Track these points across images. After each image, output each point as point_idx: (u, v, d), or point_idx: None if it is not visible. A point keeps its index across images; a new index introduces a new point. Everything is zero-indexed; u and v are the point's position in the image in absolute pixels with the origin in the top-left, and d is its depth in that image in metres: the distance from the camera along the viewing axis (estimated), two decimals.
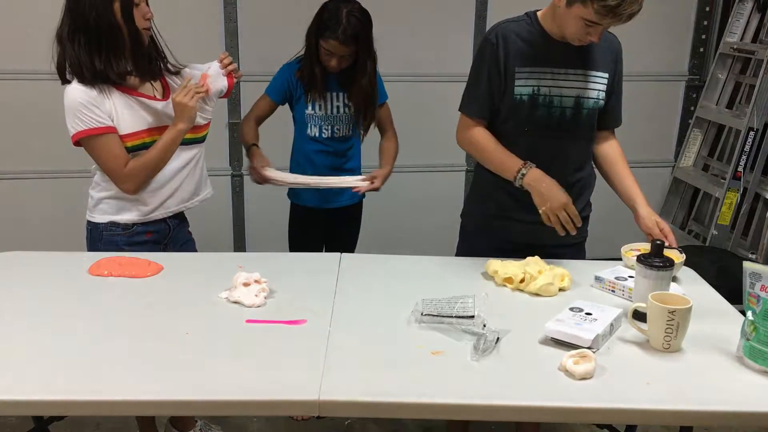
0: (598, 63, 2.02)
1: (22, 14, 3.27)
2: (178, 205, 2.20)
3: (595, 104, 2.03)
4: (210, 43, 3.44)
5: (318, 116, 2.58)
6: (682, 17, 3.83)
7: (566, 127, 2.02)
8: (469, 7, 3.60)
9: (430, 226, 3.69)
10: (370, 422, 2.71)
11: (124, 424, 2.63)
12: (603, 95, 2.03)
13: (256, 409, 1.46)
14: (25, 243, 2.34)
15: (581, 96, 2.00)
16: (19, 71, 3.34)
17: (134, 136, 2.06)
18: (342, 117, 2.59)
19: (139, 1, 1.99)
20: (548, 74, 1.98)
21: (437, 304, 1.67)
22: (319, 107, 2.56)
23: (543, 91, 1.98)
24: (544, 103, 1.99)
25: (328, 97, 2.57)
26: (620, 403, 1.37)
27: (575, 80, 2.00)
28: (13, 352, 1.51)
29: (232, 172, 3.64)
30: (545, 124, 2.01)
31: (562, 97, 1.99)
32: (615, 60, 2.05)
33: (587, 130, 2.07)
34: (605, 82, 2.03)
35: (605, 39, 2.00)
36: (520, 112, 2.00)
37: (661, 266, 1.65)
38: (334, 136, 2.60)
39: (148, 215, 2.14)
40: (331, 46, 2.42)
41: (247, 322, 1.66)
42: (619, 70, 2.08)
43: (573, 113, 2.01)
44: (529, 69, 1.98)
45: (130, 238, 2.14)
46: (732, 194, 3.50)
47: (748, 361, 1.47)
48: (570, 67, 1.99)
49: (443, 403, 1.37)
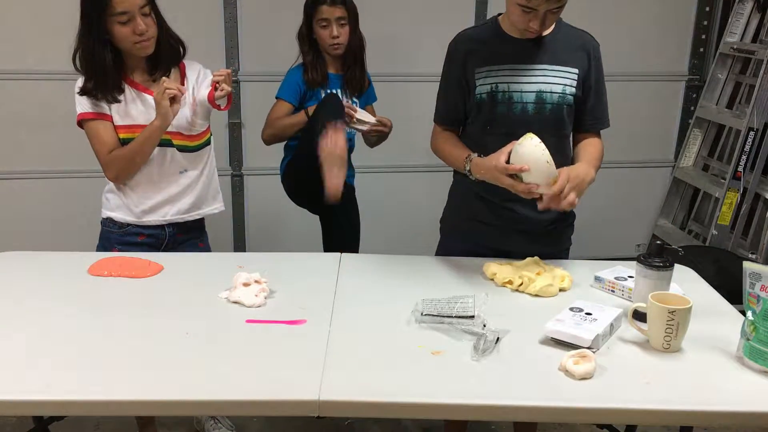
0: (563, 58, 1.98)
1: (22, 14, 3.28)
2: (176, 215, 2.20)
3: (561, 99, 1.98)
4: (210, 43, 3.44)
5: None
6: (682, 17, 3.83)
7: (531, 123, 1.94)
8: (469, 7, 3.60)
9: (430, 226, 3.69)
10: (370, 422, 2.71)
11: (124, 424, 2.63)
12: (572, 90, 1.98)
13: (256, 409, 1.46)
14: (25, 243, 2.34)
15: (543, 90, 1.96)
16: (19, 71, 3.34)
17: (126, 129, 2.09)
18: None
19: (128, 19, 1.97)
20: (506, 71, 1.97)
21: (437, 304, 1.67)
22: None
23: (501, 88, 1.97)
24: (503, 100, 1.97)
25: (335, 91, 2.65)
26: (620, 403, 1.37)
27: (536, 75, 1.97)
28: (13, 352, 1.51)
29: (232, 172, 3.65)
30: (507, 121, 1.97)
31: (522, 92, 1.97)
32: (587, 57, 2.01)
33: (556, 127, 2.01)
34: (574, 77, 1.98)
35: (574, 36, 2.01)
36: (482, 111, 2.00)
37: (661, 266, 1.65)
38: None
39: (141, 218, 2.16)
40: (324, 12, 2.56)
41: (248, 322, 1.66)
42: (595, 68, 2.02)
43: (535, 108, 1.97)
44: (487, 68, 1.98)
45: (122, 237, 2.16)
46: (732, 194, 3.50)
47: (748, 361, 1.47)
48: (530, 63, 1.97)
49: (443, 403, 1.37)
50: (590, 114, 2.05)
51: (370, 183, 3.45)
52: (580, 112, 2.04)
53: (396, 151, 3.66)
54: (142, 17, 1.99)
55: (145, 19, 2.00)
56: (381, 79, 3.53)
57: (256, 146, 3.48)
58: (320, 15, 2.58)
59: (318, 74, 2.65)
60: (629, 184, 4.02)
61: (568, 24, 2.04)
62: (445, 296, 1.70)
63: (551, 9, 1.83)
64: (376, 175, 3.65)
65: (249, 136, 3.58)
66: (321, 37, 2.62)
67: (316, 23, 2.60)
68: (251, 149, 3.60)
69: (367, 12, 2.75)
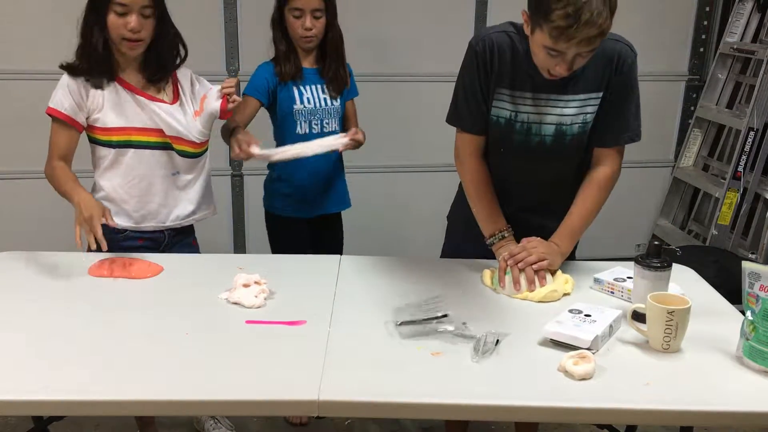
0: (589, 84, 1.85)
1: (22, 14, 3.28)
2: (176, 221, 2.19)
3: (581, 128, 1.89)
4: (210, 43, 3.44)
5: (307, 110, 2.48)
6: (682, 17, 3.83)
7: (547, 152, 1.90)
8: (469, 7, 3.60)
9: (429, 227, 3.69)
10: (370, 422, 2.71)
11: (124, 424, 2.63)
12: (593, 115, 1.88)
13: (256, 409, 1.46)
14: (25, 243, 2.34)
15: (563, 123, 1.87)
16: (19, 71, 3.34)
17: (120, 131, 2.07)
18: (329, 110, 2.51)
19: (125, 12, 1.96)
20: (528, 99, 1.86)
21: (409, 309, 1.67)
22: (307, 100, 2.47)
23: (521, 118, 1.87)
24: (521, 130, 1.89)
25: (313, 90, 2.49)
26: (620, 403, 1.37)
27: (558, 106, 1.86)
28: (13, 352, 1.51)
29: (232, 172, 3.65)
30: (523, 148, 1.91)
31: (542, 124, 1.87)
32: (614, 72, 1.85)
33: (574, 153, 1.93)
34: (597, 102, 1.87)
35: (606, 50, 1.81)
36: (496, 132, 1.92)
37: (659, 267, 1.65)
38: (323, 131, 2.51)
39: (140, 224, 2.15)
40: (298, 1, 2.36)
41: (247, 322, 1.66)
42: (618, 80, 1.86)
43: (554, 140, 1.89)
44: (509, 92, 1.87)
45: (123, 242, 2.14)
46: (732, 194, 3.50)
47: (748, 361, 1.47)
48: (554, 92, 1.85)
49: (443, 404, 1.37)
50: (608, 129, 1.91)
51: (369, 183, 3.45)
52: (599, 126, 1.91)
53: (395, 151, 3.68)
54: (140, 17, 1.97)
55: (143, 20, 1.98)
56: (380, 79, 3.55)
57: None
58: (294, 3, 2.37)
59: (291, 66, 2.45)
60: (629, 184, 3.99)
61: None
62: (416, 300, 1.71)
63: (581, 53, 1.68)
64: (375, 175, 3.66)
65: None
66: (292, 27, 2.41)
67: (288, 11, 2.39)
68: None
69: (366, 11, 2.75)
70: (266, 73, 2.46)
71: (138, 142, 2.09)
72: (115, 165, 2.11)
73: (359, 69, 2.67)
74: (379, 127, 3.37)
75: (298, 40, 2.44)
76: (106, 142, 2.09)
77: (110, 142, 2.08)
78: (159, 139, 2.10)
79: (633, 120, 1.92)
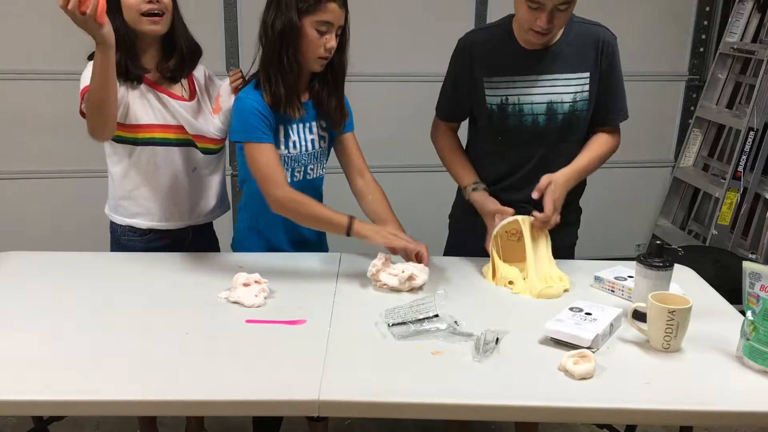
0: (574, 64, 1.95)
1: (22, 14, 3.27)
2: (198, 218, 2.18)
3: (572, 107, 1.96)
4: (210, 43, 3.42)
5: (291, 156, 2.02)
6: (682, 17, 3.83)
7: (542, 134, 1.98)
8: (469, 7, 3.60)
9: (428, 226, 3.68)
10: (369, 422, 2.71)
11: (125, 424, 2.63)
12: (584, 96, 1.96)
13: (256, 409, 1.46)
14: (26, 243, 2.34)
15: (554, 101, 1.95)
16: (19, 71, 3.34)
17: (146, 128, 2.02)
18: (316, 153, 2.07)
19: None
20: (517, 82, 1.95)
21: (400, 311, 1.67)
22: (293, 145, 2.01)
23: (512, 100, 1.96)
24: (513, 112, 1.97)
25: (300, 131, 2.03)
26: (620, 403, 1.37)
27: (546, 85, 1.95)
28: (13, 352, 1.51)
29: (233, 172, 3.64)
30: (518, 132, 1.98)
31: (533, 104, 1.96)
32: (598, 54, 1.94)
33: (568, 134, 2.00)
34: (585, 82, 1.96)
35: (586, 34, 1.95)
36: (493, 121, 2.00)
37: (660, 266, 1.65)
38: (306, 178, 2.08)
39: (162, 222, 2.12)
40: (331, 13, 1.86)
41: (247, 322, 1.66)
42: (607, 62, 1.96)
43: (546, 119, 1.96)
44: (497, 79, 1.96)
45: (148, 243, 2.13)
46: (732, 194, 3.50)
47: (748, 361, 1.47)
48: (540, 73, 1.94)
49: (444, 403, 1.37)
50: (602, 107, 2.01)
51: None
52: (596, 108, 2.01)
53: (394, 151, 3.68)
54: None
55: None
56: (380, 79, 3.55)
57: None
58: (322, 15, 1.85)
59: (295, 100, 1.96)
60: (629, 184, 4.02)
61: (581, 20, 1.97)
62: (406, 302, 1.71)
63: (558, 4, 1.77)
64: (375, 175, 3.65)
65: None
66: (311, 45, 1.89)
67: (310, 24, 1.86)
68: None
69: (366, 11, 2.74)
70: (258, 107, 1.92)
71: (161, 139, 2.05)
72: (138, 163, 2.06)
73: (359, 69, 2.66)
74: (379, 127, 3.38)
75: (310, 62, 1.93)
76: (130, 139, 2.02)
77: (135, 139, 2.02)
78: (180, 136, 2.06)
79: (623, 100, 2.05)
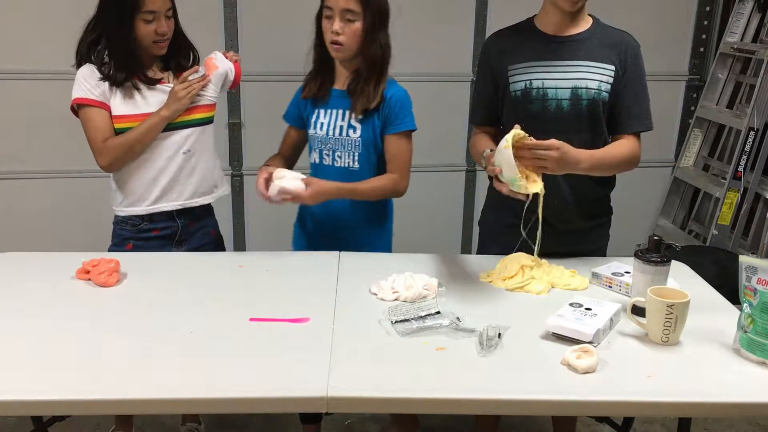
0: (599, 55, 1.96)
1: (22, 14, 3.28)
2: (183, 200, 2.20)
3: (597, 94, 1.95)
4: (210, 43, 3.43)
5: (318, 137, 2.12)
6: (682, 17, 3.83)
7: (566, 120, 1.96)
8: (469, 7, 3.61)
9: (430, 226, 3.69)
10: (369, 422, 2.71)
11: None
12: (608, 87, 1.96)
13: (264, 406, 1.45)
14: (25, 243, 2.35)
15: (578, 87, 1.95)
16: (19, 71, 3.34)
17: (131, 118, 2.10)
18: (344, 141, 2.09)
19: (154, 18, 2.04)
20: (541, 67, 1.97)
21: (402, 308, 1.68)
22: (320, 126, 2.11)
23: (536, 84, 1.96)
24: (537, 97, 1.97)
25: (331, 115, 2.11)
26: (625, 395, 1.38)
27: (571, 71, 1.96)
28: (13, 352, 1.50)
29: (232, 172, 3.65)
30: (543, 118, 1.96)
31: (558, 89, 1.96)
32: (623, 56, 1.97)
33: (593, 123, 1.98)
34: (611, 74, 1.96)
35: (612, 35, 1.99)
36: (517, 108, 1.99)
37: (658, 261, 1.65)
38: (334, 165, 2.12)
39: (150, 207, 2.16)
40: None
41: (251, 320, 1.66)
42: (633, 67, 1.97)
43: (571, 104, 1.96)
44: (522, 65, 1.98)
45: (138, 234, 2.18)
46: (732, 194, 3.50)
47: (746, 352, 1.49)
48: (565, 59, 1.96)
49: (451, 398, 1.38)
50: (626, 114, 1.99)
51: None
52: (617, 113, 2.00)
53: None
54: (166, 19, 2.07)
55: (168, 21, 2.09)
56: None
57: (256, 146, 3.50)
58: (325, 1, 1.98)
59: (315, 83, 2.11)
60: (629, 184, 4.00)
61: (606, 24, 2.02)
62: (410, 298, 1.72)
63: None
64: None
65: (249, 136, 3.58)
66: (323, 30, 2.03)
67: (323, 12, 2.01)
68: (251, 149, 3.60)
69: None
70: (296, 95, 2.19)
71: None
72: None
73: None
74: None
75: (329, 49, 2.03)
76: (117, 130, 2.11)
77: (120, 129, 2.10)
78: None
79: (647, 110, 2.01)
